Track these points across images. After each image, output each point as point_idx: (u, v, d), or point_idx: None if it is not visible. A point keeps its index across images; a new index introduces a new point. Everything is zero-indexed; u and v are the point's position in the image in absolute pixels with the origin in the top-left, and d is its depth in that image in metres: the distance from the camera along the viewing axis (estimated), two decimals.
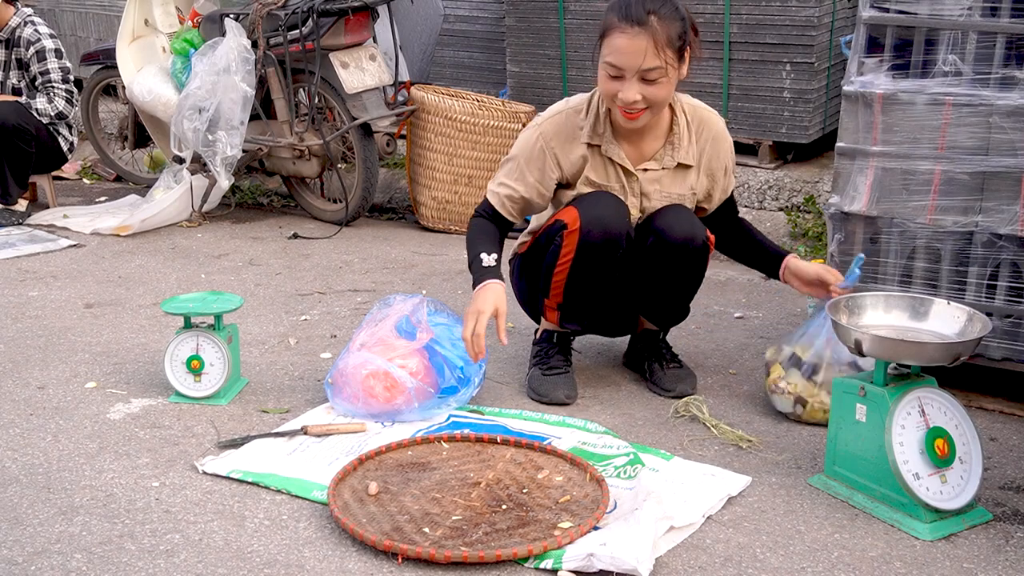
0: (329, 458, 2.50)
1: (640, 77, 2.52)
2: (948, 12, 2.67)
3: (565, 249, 2.70)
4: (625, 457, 2.47)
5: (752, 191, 4.66)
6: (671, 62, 2.54)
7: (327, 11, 4.52)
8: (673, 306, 2.92)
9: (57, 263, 4.24)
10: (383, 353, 2.75)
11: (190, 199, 4.83)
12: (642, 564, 1.99)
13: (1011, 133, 2.61)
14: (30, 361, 3.16)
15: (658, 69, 2.52)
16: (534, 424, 2.69)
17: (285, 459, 2.50)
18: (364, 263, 4.28)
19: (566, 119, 2.74)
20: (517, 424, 2.69)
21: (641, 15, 2.50)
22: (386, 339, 2.80)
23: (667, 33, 2.51)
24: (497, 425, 2.67)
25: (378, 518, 2.20)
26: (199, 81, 4.55)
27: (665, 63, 2.52)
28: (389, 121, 4.86)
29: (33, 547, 2.13)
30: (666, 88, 2.57)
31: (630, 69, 2.52)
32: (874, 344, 2.25)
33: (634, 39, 2.49)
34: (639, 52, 2.50)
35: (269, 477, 2.40)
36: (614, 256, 2.70)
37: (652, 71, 2.52)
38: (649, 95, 2.55)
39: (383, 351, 2.76)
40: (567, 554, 2.05)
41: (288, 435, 2.62)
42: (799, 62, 4.54)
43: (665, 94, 2.58)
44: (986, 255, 2.71)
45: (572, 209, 2.70)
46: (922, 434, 2.23)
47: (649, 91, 2.55)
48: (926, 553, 2.13)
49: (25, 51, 4.92)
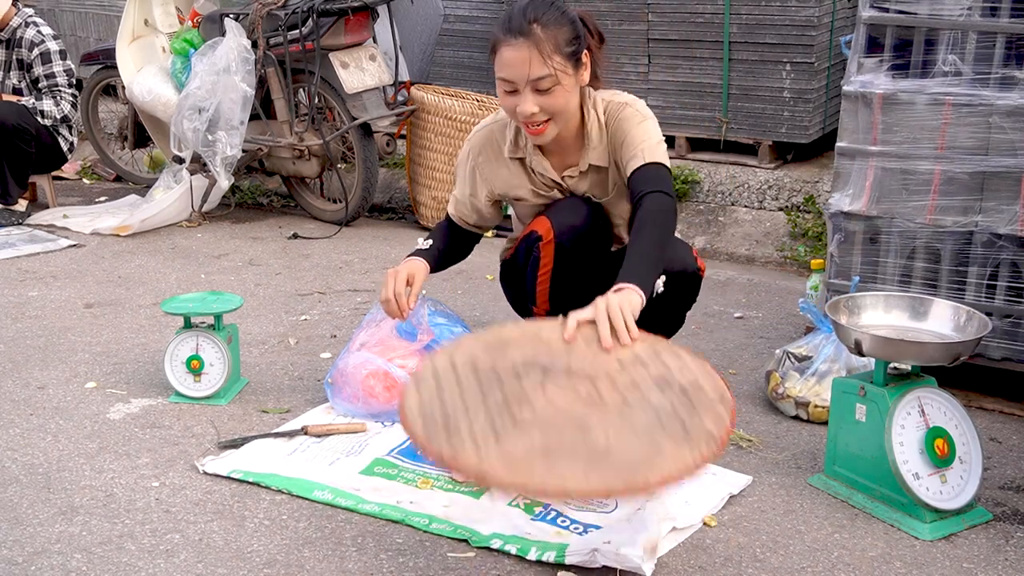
0: (329, 458, 2.50)
1: (532, 88, 2.43)
2: (948, 12, 2.67)
3: (544, 260, 2.69)
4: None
5: (752, 191, 4.66)
6: (562, 68, 2.43)
7: (327, 11, 4.52)
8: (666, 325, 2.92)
9: (57, 263, 4.24)
10: (383, 353, 2.75)
11: (190, 199, 4.83)
12: (646, 564, 1.99)
13: (1011, 133, 2.61)
14: (30, 361, 3.16)
15: (548, 78, 2.41)
16: None
17: (285, 459, 2.50)
18: (364, 263, 4.28)
19: (490, 135, 2.71)
20: None
21: (522, 25, 2.41)
22: (386, 339, 2.79)
23: (553, 40, 2.41)
24: None
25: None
26: (199, 81, 4.55)
27: (555, 70, 2.41)
28: (389, 121, 4.86)
29: (33, 547, 2.13)
30: (562, 96, 2.47)
31: (520, 80, 2.43)
32: (874, 344, 2.25)
33: (518, 50, 2.40)
34: (524, 62, 2.40)
35: (270, 477, 2.40)
36: (593, 258, 2.70)
37: (542, 80, 2.42)
38: (545, 105, 2.45)
39: (383, 351, 2.75)
40: (570, 547, 2.06)
41: (288, 435, 2.62)
42: (799, 62, 4.54)
43: (563, 103, 2.48)
44: (986, 255, 2.71)
45: (544, 219, 2.68)
46: (922, 434, 2.23)
47: (544, 101, 2.45)
48: (926, 553, 2.13)
49: (28, 52, 4.92)
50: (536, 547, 2.10)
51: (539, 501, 2.29)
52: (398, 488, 2.37)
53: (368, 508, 2.28)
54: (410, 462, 2.49)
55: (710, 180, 4.73)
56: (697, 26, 4.71)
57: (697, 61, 4.76)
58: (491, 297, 3.71)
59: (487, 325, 3.49)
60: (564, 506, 2.27)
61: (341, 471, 2.44)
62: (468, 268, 4.12)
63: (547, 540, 2.13)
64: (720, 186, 4.72)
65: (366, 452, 2.54)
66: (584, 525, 2.21)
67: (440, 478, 2.41)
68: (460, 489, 2.36)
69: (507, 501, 2.29)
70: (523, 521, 2.22)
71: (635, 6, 4.79)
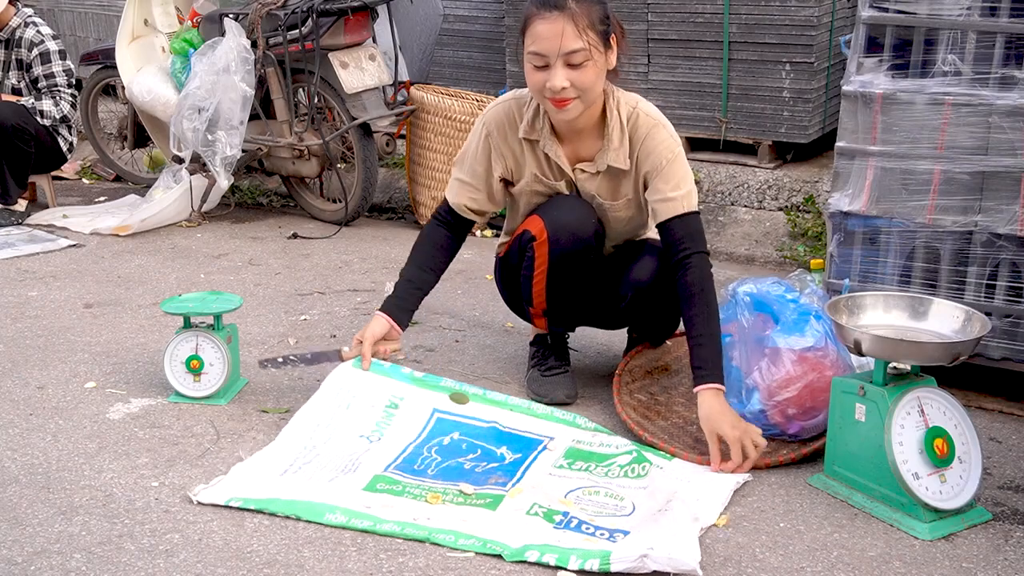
0: (327, 476, 2.39)
1: (564, 62, 2.46)
2: (947, 12, 2.67)
3: (538, 260, 2.69)
4: (628, 455, 2.47)
5: (752, 191, 4.66)
6: (595, 45, 2.47)
7: (327, 11, 4.52)
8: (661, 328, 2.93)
9: (57, 263, 4.24)
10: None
11: (189, 199, 4.83)
12: (697, 565, 1.99)
13: (1010, 133, 2.61)
14: (30, 361, 3.16)
15: (581, 51, 2.45)
16: (523, 418, 2.64)
17: (280, 480, 2.36)
18: (364, 263, 4.28)
19: (507, 109, 2.71)
20: (505, 418, 2.63)
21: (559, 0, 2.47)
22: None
23: (587, 16, 2.46)
24: (489, 427, 2.62)
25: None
26: (198, 81, 4.55)
27: (588, 44, 2.45)
28: (389, 121, 4.86)
29: (33, 547, 2.13)
30: (592, 73, 2.49)
31: (552, 53, 2.45)
32: (874, 344, 2.25)
33: (553, 23, 2.44)
34: (558, 35, 2.44)
35: (272, 503, 2.26)
36: (587, 258, 2.70)
37: (575, 53, 2.45)
38: (576, 80, 2.48)
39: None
40: (614, 554, 2.02)
41: (327, 358, 2.78)
42: (799, 62, 4.54)
43: (592, 79, 2.50)
44: (985, 255, 2.71)
45: (537, 219, 2.68)
46: (921, 434, 2.23)
47: (575, 76, 2.47)
48: (925, 553, 2.13)
49: (27, 52, 4.92)
50: (576, 555, 2.04)
51: (557, 510, 2.25)
52: (408, 504, 2.28)
53: (387, 528, 2.17)
54: (411, 477, 2.41)
55: (710, 180, 4.73)
56: (697, 26, 4.71)
57: (697, 61, 4.76)
58: (491, 297, 3.71)
59: (487, 325, 3.50)
60: (581, 511, 2.25)
61: (343, 489, 2.33)
62: (468, 268, 4.12)
63: (586, 548, 2.08)
64: (720, 186, 4.72)
65: (362, 469, 2.42)
66: (610, 531, 2.16)
67: (448, 491, 2.34)
68: (472, 503, 2.29)
69: (525, 510, 2.25)
70: (547, 530, 2.16)
71: (635, 6, 4.79)
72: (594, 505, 2.29)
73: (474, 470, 2.46)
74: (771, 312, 2.58)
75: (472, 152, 2.76)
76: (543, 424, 2.64)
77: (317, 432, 2.56)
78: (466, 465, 2.47)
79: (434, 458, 2.50)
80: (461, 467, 2.47)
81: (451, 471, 2.45)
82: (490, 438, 2.58)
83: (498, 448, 2.54)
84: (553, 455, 2.51)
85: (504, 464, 2.48)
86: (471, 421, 2.64)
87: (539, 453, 2.51)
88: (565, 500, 2.31)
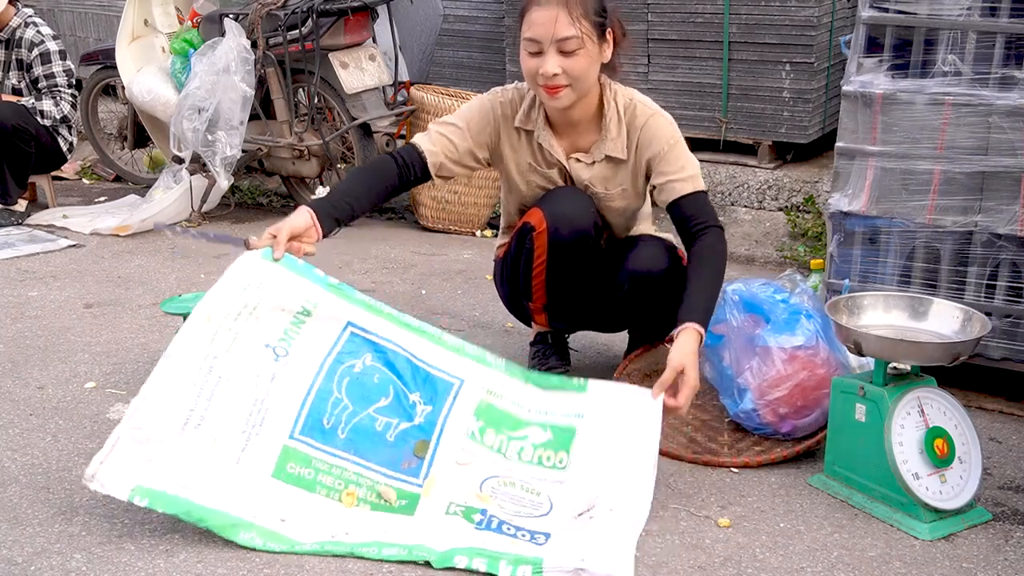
0: (236, 447, 2.17)
1: (558, 49, 2.48)
2: (947, 12, 2.67)
3: (537, 251, 2.69)
4: (541, 429, 2.38)
5: (752, 191, 4.66)
6: (588, 34, 2.49)
7: (327, 11, 4.52)
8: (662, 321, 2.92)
9: (57, 263, 4.24)
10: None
11: (189, 199, 4.82)
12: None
13: (1010, 133, 2.61)
14: (30, 361, 3.16)
15: (574, 39, 2.47)
16: (434, 349, 2.44)
17: (180, 445, 2.12)
18: (364, 263, 4.28)
19: (512, 96, 2.73)
20: (418, 347, 2.43)
21: None
22: None
23: (582, 5, 2.48)
24: (404, 356, 2.40)
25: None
26: (198, 81, 4.55)
27: (581, 33, 2.47)
28: (389, 121, 4.86)
29: (33, 547, 2.13)
30: (585, 60, 2.50)
31: (546, 39, 2.48)
32: (874, 344, 2.25)
33: (548, 10, 2.47)
34: (552, 21, 2.46)
35: (185, 506, 2.08)
36: (586, 248, 2.70)
37: (568, 40, 2.47)
38: (568, 67, 2.49)
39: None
40: (546, 562, 2.01)
41: (231, 243, 2.49)
42: (799, 62, 4.54)
43: (584, 67, 2.51)
44: (985, 255, 2.71)
45: (536, 210, 2.69)
46: (921, 434, 2.23)
47: (567, 63, 2.49)
48: (925, 553, 2.13)
49: (28, 52, 4.92)
50: (505, 561, 2.02)
51: (474, 507, 2.20)
52: (322, 506, 2.18)
53: (306, 549, 2.08)
54: (321, 448, 2.23)
55: (709, 180, 4.73)
56: (697, 26, 4.71)
57: (697, 61, 4.76)
58: (491, 297, 3.71)
59: (487, 325, 3.49)
60: (499, 509, 2.21)
61: (251, 481, 2.16)
62: (468, 268, 4.12)
63: (515, 552, 2.06)
64: (720, 186, 4.72)
65: (268, 426, 2.21)
66: (531, 532, 2.14)
67: (362, 484, 2.21)
68: (390, 508, 2.20)
69: (444, 510, 2.20)
70: (468, 531, 2.14)
71: (635, 6, 4.79)
72: (511, 501, 2.24)
73: (385, 435, 2.29)
74: (762, 312, 2.58)
75: (468, 111, 2.72)
76: (454, 360, 2.45)
77: (218, 339, 2.28)
78: (378, 425, 2.30)
79: (345, 405, 2.30)
80: (372, 429, 2.29)
81: (362, 436, 2.27)
82: (403, 372, 2.38)
83: (411, 393, 2.36)
84: (465, 413, 2.37)
85: (416, 425, 2.33)
86: (385, 343, 2.41)
87: (451, 407, 2.37)
88: (481, 494, 2.25)
